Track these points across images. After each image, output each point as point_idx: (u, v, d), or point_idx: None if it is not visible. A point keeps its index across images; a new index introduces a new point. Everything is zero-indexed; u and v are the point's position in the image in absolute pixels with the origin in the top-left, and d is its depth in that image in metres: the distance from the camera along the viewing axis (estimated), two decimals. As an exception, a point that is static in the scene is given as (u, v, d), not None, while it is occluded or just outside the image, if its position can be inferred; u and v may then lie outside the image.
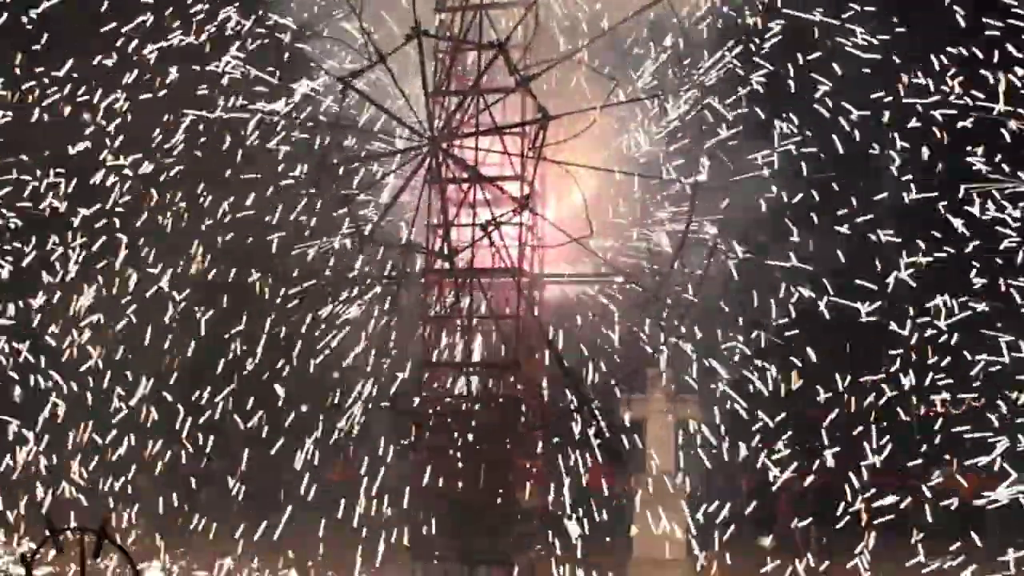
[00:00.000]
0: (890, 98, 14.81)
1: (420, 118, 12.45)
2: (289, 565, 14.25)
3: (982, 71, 14.45)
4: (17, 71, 15.79)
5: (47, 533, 9.73)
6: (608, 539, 14.25)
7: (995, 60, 14.47)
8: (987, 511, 14.29)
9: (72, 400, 15.36)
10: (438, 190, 12.52)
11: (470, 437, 12.60)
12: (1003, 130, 14.66)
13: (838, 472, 14.64)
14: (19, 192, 16.01)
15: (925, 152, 14.99)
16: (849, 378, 15.16)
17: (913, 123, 14.78)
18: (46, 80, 15.40)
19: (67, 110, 15.41)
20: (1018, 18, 14.36)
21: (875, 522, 14.18)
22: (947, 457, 14.65)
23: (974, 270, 14.95)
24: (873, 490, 14.37)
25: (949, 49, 14.90)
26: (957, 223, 14.78)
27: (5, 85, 16.05)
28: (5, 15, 15.75)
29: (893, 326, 14.81)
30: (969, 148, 14.88)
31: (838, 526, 14.33)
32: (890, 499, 14.33)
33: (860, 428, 14.68)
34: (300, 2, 13.71)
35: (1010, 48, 14.41)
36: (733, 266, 13.51)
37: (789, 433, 14.19)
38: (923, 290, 14.92)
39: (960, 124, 14.65)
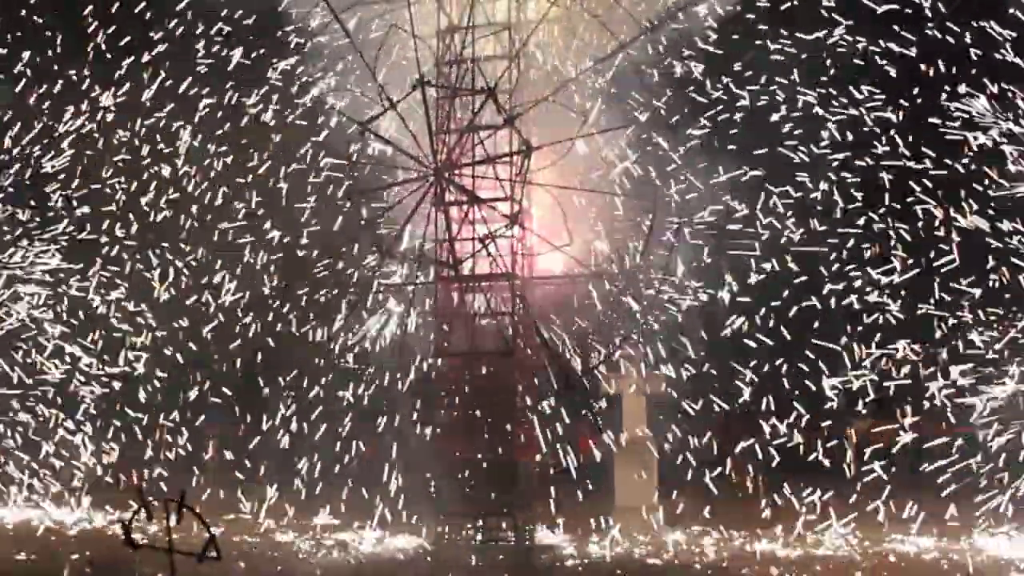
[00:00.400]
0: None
1: (426, 152, 15.20)
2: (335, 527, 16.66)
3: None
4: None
5: (140, 503, 12.47)
6: (594, 491, 16.73)
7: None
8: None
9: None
10: (443, 211, 15.24)
11: (478, 412, 15.42)
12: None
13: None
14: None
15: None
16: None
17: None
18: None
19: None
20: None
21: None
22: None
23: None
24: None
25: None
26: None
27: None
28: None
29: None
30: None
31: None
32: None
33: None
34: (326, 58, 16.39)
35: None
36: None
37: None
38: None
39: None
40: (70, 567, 13.21)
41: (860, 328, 16.70)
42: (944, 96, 16.50)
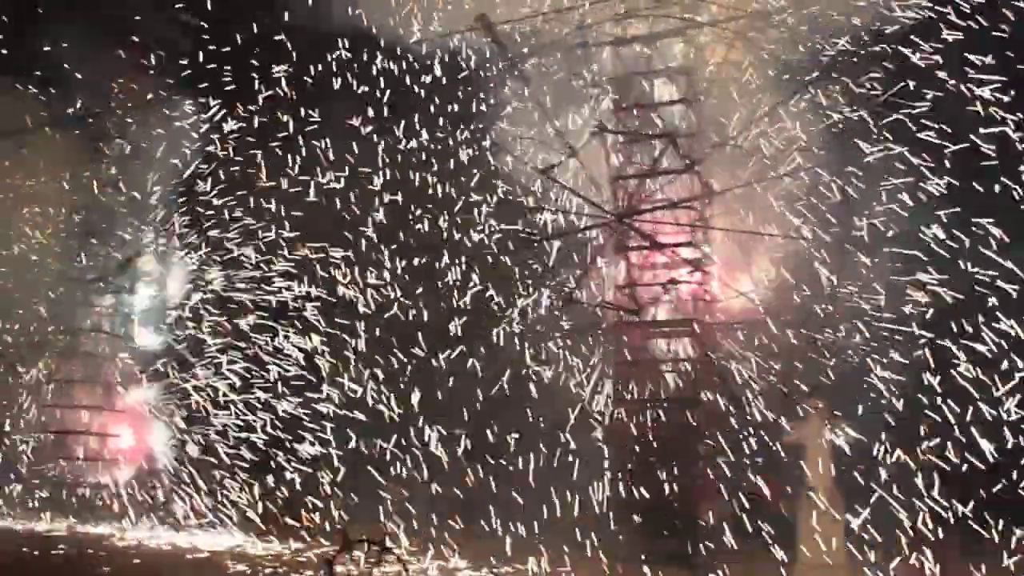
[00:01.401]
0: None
1: (606, 197, 15.27)
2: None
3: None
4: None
5: (344, 542, 12.70)
6: (773, 547, 16.12)
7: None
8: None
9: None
10: (624, 257, 15.23)
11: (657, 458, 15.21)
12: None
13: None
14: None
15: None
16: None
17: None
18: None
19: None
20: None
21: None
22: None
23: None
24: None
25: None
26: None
27: None
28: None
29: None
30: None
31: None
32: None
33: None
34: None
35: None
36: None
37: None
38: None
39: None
40: None
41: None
42: None
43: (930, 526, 16.04)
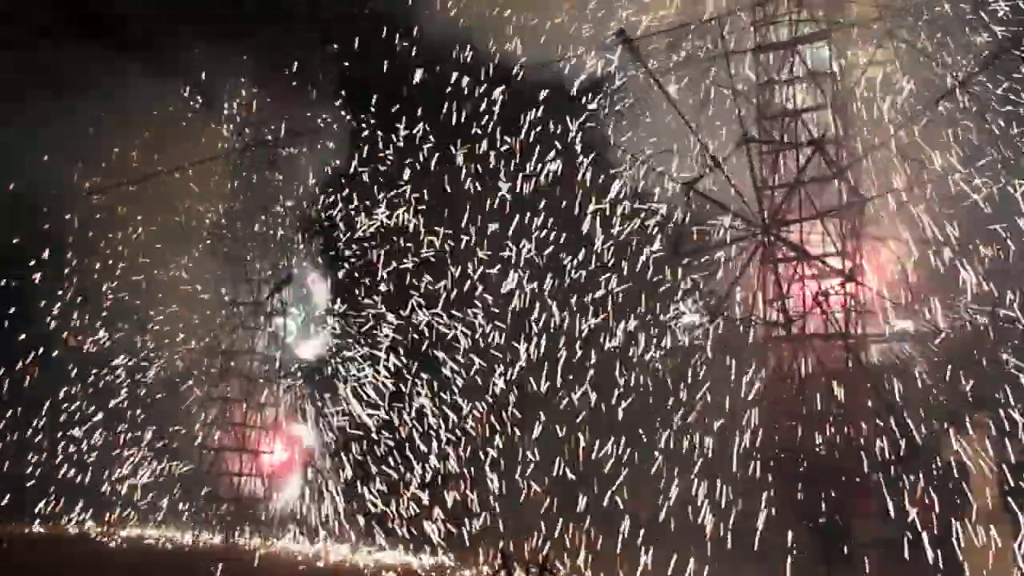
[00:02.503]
0: None
1: (752, 209, 14.93)
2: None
3: None
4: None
5: (501, 561, 12.79)
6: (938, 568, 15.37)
7: None
8: None
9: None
10: (771, 268, 14.87)
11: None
12: None
13: None
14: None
15: None
16: None
17: None
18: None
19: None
20: None
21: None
22: None
23: None
24: None
25: None
26: None
27: None
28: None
29: None
30: None
31: None
32: None
33: None
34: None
35: None
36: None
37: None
38: None
39: None
40: None
41: None
42: None
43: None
